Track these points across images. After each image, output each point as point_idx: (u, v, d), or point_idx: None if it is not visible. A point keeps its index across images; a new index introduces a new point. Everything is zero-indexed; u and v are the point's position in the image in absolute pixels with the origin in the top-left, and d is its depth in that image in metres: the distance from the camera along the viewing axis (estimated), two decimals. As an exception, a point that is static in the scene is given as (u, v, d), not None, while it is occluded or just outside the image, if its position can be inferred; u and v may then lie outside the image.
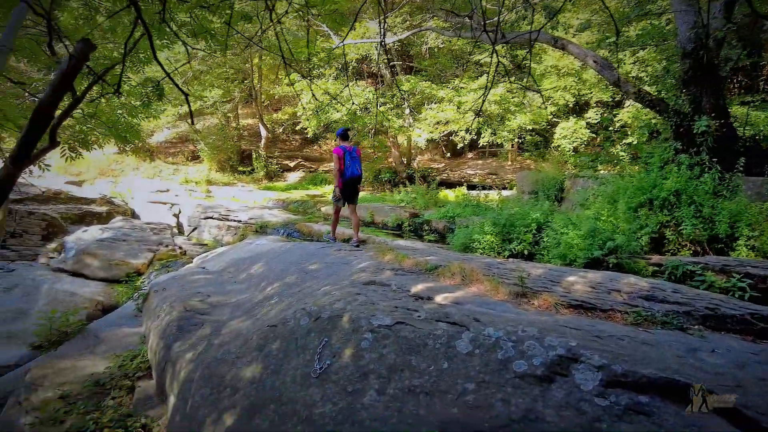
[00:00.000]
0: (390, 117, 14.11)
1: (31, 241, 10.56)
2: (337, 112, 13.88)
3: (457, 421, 2.57)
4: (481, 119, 14.05)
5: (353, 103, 13.69)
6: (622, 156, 10.29)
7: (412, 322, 3.21)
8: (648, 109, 9.66)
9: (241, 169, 18.73)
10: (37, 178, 11.33)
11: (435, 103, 14.64)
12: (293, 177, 19.18)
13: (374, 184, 17.13)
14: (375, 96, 14.18)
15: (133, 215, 13.41)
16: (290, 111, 22.04)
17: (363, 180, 17.21)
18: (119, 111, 5.16)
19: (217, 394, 3.53)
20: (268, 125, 19.67)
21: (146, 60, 4.97)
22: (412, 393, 2.79)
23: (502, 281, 4.04)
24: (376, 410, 2.78)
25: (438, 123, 14.17)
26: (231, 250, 8.81)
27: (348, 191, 7.46)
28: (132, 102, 5.26)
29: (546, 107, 15.06)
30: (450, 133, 15.17)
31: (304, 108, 14.57)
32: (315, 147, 21.43)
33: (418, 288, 3.92)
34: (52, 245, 10.64)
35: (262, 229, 10.86)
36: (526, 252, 6.95)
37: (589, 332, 3.06)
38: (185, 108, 16.91)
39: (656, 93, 8.86)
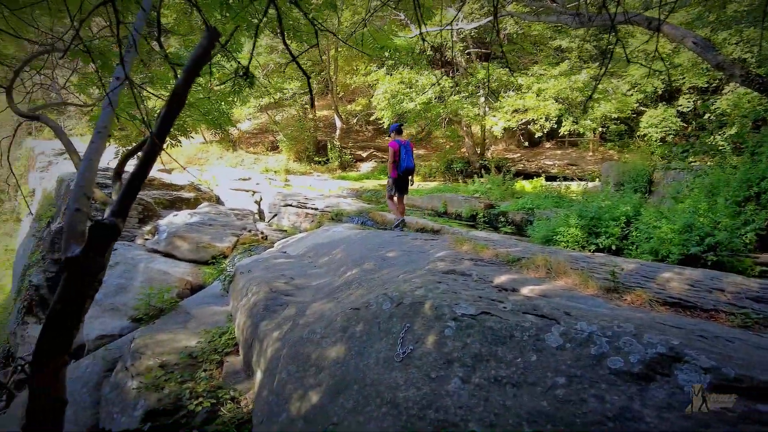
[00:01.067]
0: (465, 105, 13.87)
1: (129, 224, 11.54)
2: (411, 101, 13.86)
3: (546, 414, 2.51)
4: (562, 107, 13.45)
5: (428, 92, 13.63)
6: (722, 146, 9.42)
7: (497, 313, 3.16)
8: (754, 96, 8.78)
9: (316, 159, 19.29)
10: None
11: (512, 91, 14.20)
12: (366, 167, 19.45)
13: (446, 175, 16.96)
14: (450, 84, 14.01)
15: (218, 201, 14.23)
16: (364, 102, 22.31)
17: (434, 170, 17.22)
18: (212, 98, 5.47)
19: (302, 371, 3.68)
20: (343, 116, 20.05)
21: (236, 49, 5.23)
22: (498, 383, 2.76)
23: (591, 275, 3.87)
24: (461, 398, 2.78)
25: (516, 111, 13.74)
26: (310, 236, 9.11)
27: (401, 182, 8.05)
28: (223, 90, 5.57)
29: (632, 94, 14.13)
30: (528, 122, 14.67)
31: (378, 99, 14.70)
32: (387, 137, 21.56)
33: (501, 279, 3.85)
34: (147, 228, 11.56)
35: (337, 217, 11.13)
36: (613, 246, 6.59)
37: (691, 331, 2.85)
38: (266, 100, 17.68)
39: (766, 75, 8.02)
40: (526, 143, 17.19)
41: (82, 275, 1.53)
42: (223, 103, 5.61)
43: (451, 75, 16.08)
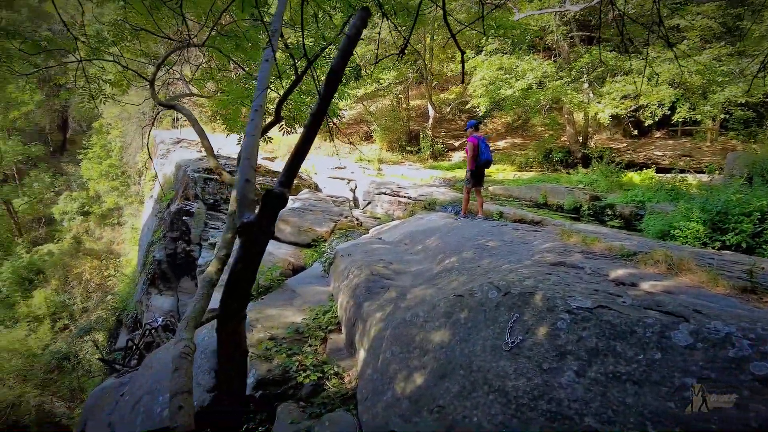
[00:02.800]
0: (568, 91, 13.14)
1: (239, 207, 12.45)
2: (510, 88, 13.41)
3: (673, 416, 2.35)
4: (677, 91, 12.25)
5: (528, 78, 13.09)
6: None
7: (615, 307, 3.00)
8: None
9: (408, 148, 19.41)
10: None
11: (621, 75, 13.21)
12: (458, 156, 19.20)
13: (543, 165, 16.25)
14: (552, 69, 13.34)
15: (317, 188, 14.87)
16: (457, 90, 21.98)
17: (531, 160, 16.57)
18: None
19: (406, 353, 3.76)
20: (436, 105, 19.95)
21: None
22: (616, 379, 2.63)
23: (720, 273, 3.53)
24: (576, 391, 2.69)
25: (624, 97, 12.77)
26: (404, 224, 9.22)
27: (479, 175, 8.37)
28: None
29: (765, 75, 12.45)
30: (637, 109, 13.57)
31: (475, 86, 14.39)
32: (480, 126, 21.15)
33: (617, 273, 3.64)
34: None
35: (430, 206, 11.15)
36: (743, 244, 5.94)
37: None
38: (361, 91, 18.03)
39: None
40: (636, 132, 15.93)
41: (257, 238, 1.71)
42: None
43: (553, 60, 15.31)
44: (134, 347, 8.33)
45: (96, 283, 21.47)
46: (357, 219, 11.62)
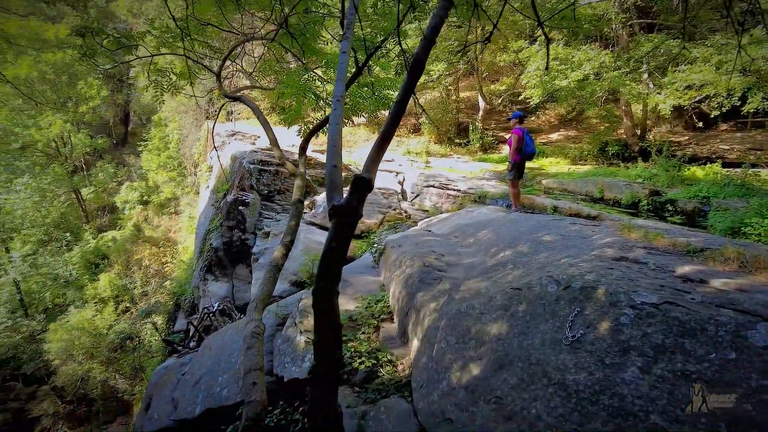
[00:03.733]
0: (627, 82, 12.59)
1: (290, 198, 12.76)
2: (565, 78, 13.00)
3: (750, 420, 2.27)
4: (749, 80, 11.46)
5: (585, 68, 12.63)
6: None
7: (683, 304, 2.90)
8: None
9: (457, 141, 19.19)
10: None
11: (685, 64, 12.51)
12: (508, 149, 18.87)
13: (598, 158, 15.68)
14: (611, 59, 12.81)
15: (365, 180, 15.03)
16: (508, 81, 21.52)
17: (586, 153, 16.03)
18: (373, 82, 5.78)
19: (462, 343, 3.78)
20: (486, 96, 19.62)
21: (403, 34, 5.43)
22: (685, 378, 2.55)
23: (801, 273, 3.34)
24: (640, 388, 2.63)
25: (688, 87, 12.09)
26: (453, 217, 9.18)
27: (522, 166, 8.54)
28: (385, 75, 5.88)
29: None
30: (701, 100, 12.83)
31: (529, 77, 14.03)
32: (533, 118, 20.63)
33: (684, 269, 3.51)
34: (306, 202, 12.66)
35: (480, 199, 11.03)
36: (826, 244, 5.56)
37: None
38: (411, 82, 17.93)
39: None
40: (700, 123, 15.05)
41: (347, 219, 1.82)
42: (385, 88, 5.89)
43: (610, 49, 14.69)
44: (194, 330, 8.76)
45: (154, 269, 22.61)
46: (405, 211, 11.66)
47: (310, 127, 5.34)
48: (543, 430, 2.80)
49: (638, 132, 15.62)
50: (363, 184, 1.85)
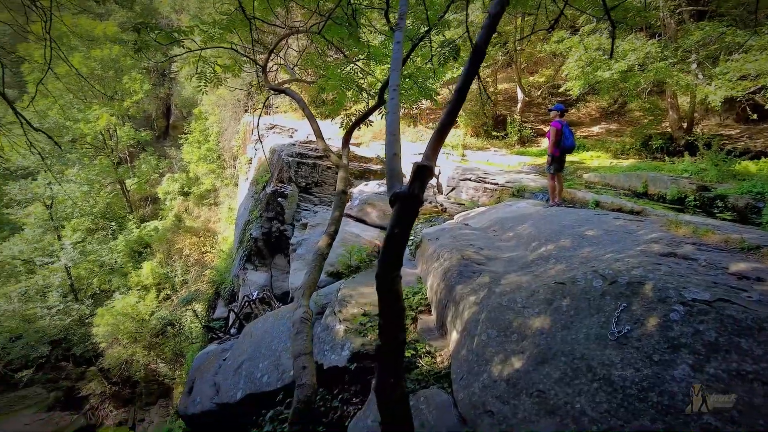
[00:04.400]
0: (674, 73, 12.10)
1: (327, 190, 12.92)
2: (608, 70, 12.61)
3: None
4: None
5: (630, 58, 12.20)
6: None
7: (739, 302, 2.81)
8: None
9: (494, 134, 18.92)
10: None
11: (739, 53, 11.91)
12: (547, 142, 18.49)
13: (641, 152, 15.16)
14: (657, 48, 12.32)
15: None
16: (548, 73, 21.04)
17: (628, 147, 15.54)
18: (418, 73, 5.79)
19: (503, 337, 3.77)
20: (525, 88, 19.26)
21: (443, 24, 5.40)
22: (741, 378, 2.48)
23: None
24: (691, 386, 2.57)
25: (742, 78, 11.52)
26: (491, 210, 9.10)
27: (561, 160, 8.41)
28: (427, 65, 5.87)
29: None
30: (757, 90, 12.19)
31: (570, 68, 13.67)
32: (573, 110, 20.11)
33: (739, 267, 3.39)
34: (341, 194, 12.80)
35: (519, 193, 10.88)
36: None
37: None
38: (448, 75, 17.80)
39: None
40: (754, 116, 14.32)
41: (409, 205, 1.88)
42: (427, 78, 5.90)
43: (657, 38, 14.12)
44: (235, 317, 9.03)
45: (194, 258, 23.34)
46: (441, 205, 11.62)
47: (352, 119, 5.39)
48: (587, 426, 2.78)
49: (684, 125, 15.03)
50: (424, 171, 1.89)
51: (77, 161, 26.58)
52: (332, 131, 19.18)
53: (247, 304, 9.28)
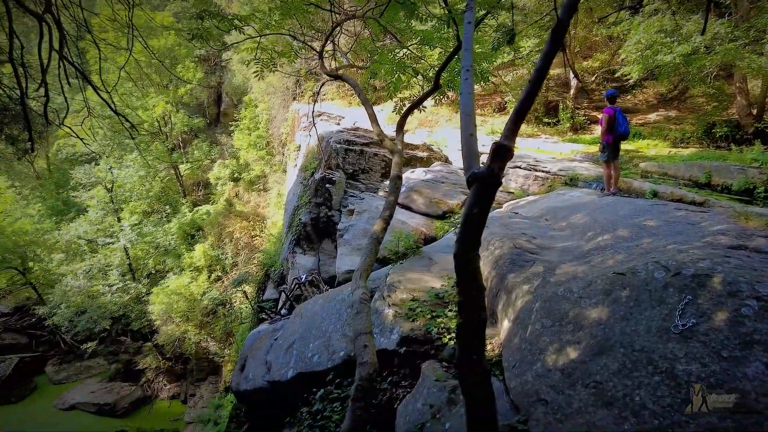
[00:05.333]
0: (745, 55, 11.32)
1: (374, 177, 13.00)
2: (670, 53, 11.95)
3: None
4: None
5: (696, 39, 11.50)
6: None
7: (822, 298, 2.65)
8: None
9: (545, 120, 18.38)
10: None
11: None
12: (600, 130, 17.79)
13: (702, 141, 14.34)
14: (727, 29, 11.54)
15: (446, 161, 14.89)
16: (602, 58, 20.15)
17: (689, 135, 14.73)
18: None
19: (558, 326, 3.71)
20: (579, 74, 18.56)
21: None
22: (822, 378, 2.35)
23: None
24: (765, 385, 2.46)
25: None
26: (543, 199, 8.91)
27: (615, 147, 8.23)
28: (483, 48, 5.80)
29: None
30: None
31: (627, 51, 13.04)
32: (628, 96, 19.23)
33: (820, 261, 3.19)
34: (388, 182, 12.82)
35: (572, 182, 10.56)
36: None
37: None
38: (498, 60, 17.40)
39: None
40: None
41: (488, 186, 1.91)
42: (482, 60, 5.82)
43: (726, 18, 13.23)
44: (286, 297, 9.31)
45: (244, 242, 24.10)
46: (489, 193, 11.44)
47: (406, 104, 5.39)
48: (648, 420, 2.71)
49: (754, 111, 14.07)
50: (504, 151, 1.90)
51: (135, 147, 27.89)
52: (380, 118, 19.19)
53: (297, 286, 9.53)
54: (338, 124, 18.40)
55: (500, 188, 10.12)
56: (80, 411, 18.16)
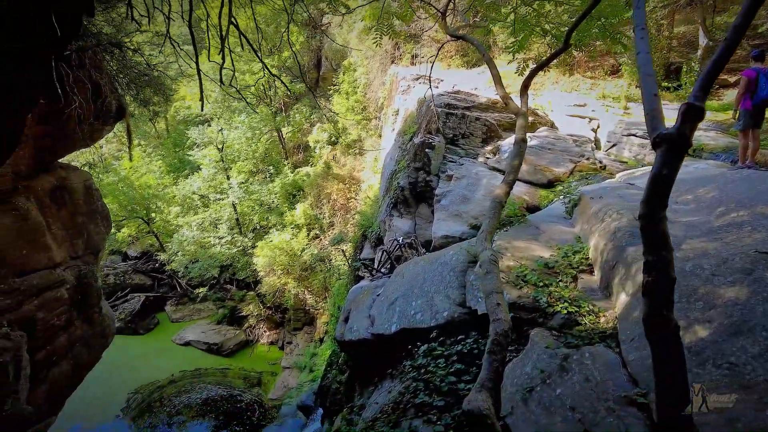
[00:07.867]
0: None
1: (474, 142, 12.78)
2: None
3: None
4: None
5: None
6: None
7: None
8: None
9: (665, 84, 16.72)
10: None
11: None
12: (732, 95, 15.81)
13: None
14: None
15: (552, 126, 14.18)
16: (738, 11, 17.70)
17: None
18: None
19: (686, 303, 3.55)
20: (710, 31, 16.52)
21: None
22: None
23: None
24: None
25: None
26: (662, 170, 8.26)
27: (756, 115, 7.29)
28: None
29: None
30: None
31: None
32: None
33: None
34: (489, 147, 12.55)
35: (695, 152, 9.66)
36: None
37: None
38: (615, 19, 15.93)
39: None
40: None
41: (678, 147, 1.93)
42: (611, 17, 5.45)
43: None
44: (387, 257, 9.66)
45: (340, 203, 25.07)
46: (600, 161, 10.81)
47: (530, 65, 5.21)
48: (792, 407, 2.56)
49: None
50: (695, 112, 1.87)
51: (243, 109, 29.67)
52: (480, 81, 18.65)
53: (398, 247, 9.83)
54: (437, 87, 18.14)
55: (612, 157, 9.54)
56: (193, 347, 20.55)
